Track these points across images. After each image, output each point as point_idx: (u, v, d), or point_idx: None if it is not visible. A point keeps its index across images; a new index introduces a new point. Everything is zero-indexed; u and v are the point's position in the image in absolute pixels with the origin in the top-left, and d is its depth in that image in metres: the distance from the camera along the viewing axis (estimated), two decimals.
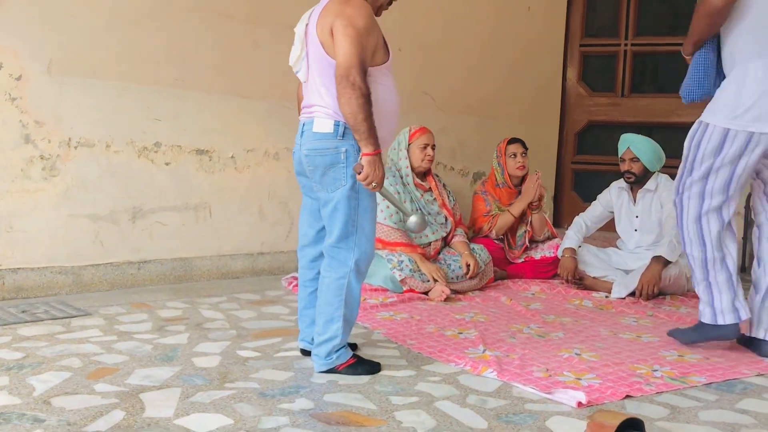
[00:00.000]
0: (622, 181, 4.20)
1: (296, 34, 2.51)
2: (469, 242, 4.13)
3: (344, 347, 2.52)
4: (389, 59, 2.48)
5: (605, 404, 2.28)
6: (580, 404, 2.23)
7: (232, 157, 4.09)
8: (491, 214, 4.36)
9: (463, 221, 4.31)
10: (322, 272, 2.52)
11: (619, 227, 4.25)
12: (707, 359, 2.79)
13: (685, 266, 3.85)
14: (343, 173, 2.41)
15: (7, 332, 2.85)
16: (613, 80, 5.81)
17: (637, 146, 4.02)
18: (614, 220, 4.27)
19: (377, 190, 2.41)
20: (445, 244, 4.11)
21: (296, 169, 2.60)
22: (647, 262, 3.90)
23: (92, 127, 3.59)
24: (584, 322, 3.38)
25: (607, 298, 3.94)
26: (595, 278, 4.14)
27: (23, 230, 3.43)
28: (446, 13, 5.01)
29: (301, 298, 2.71)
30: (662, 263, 3.84)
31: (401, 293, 3.71)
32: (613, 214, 4.28)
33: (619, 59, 5.75)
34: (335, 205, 2.43)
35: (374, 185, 2.38)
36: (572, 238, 4.20)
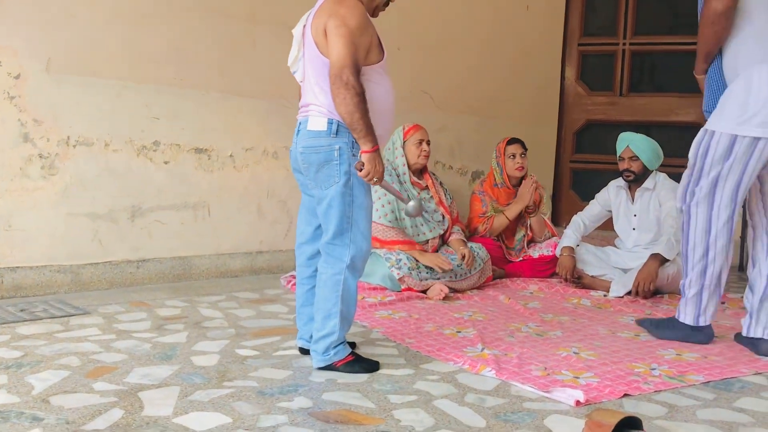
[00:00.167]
0: (620, 179, 4.20)
1: (294, 35, 2.56)
2: (466, 240, 4.14)
3: (342, 344, 2.53)
4: (384, 58, 2.51)
5: (603, 403, 2.28)
6: (578, 403, 2.23)
7: (230, 155, 4.09)
8: (486, 215, 4.36)
9: (460, 219, 4.32)
10: (318, 269, 2.55)
11: (617, 226, 4.25)
12: (705, 358, 2.80)
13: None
14: (336, 170, 2.44)
15: (5, 331, 2.85)
16: (611, 79, 5.81)
17: (636, 145, 4.02)
18: (612, 218, 4.27)
19: (379, 183, 2.46)
20: (442, 242, 4.11)
21: (293, 166, 2.64)
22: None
23: (91, 125, 3.59)
24: (582, 320, 3.38)
25: (605, 296, 3.94)
26: (593, 277, 4.14)
27: (22, 229, 3.43)
28: (445, 12, 5.02)
29: (298, 295, 2.72)
30: (659, 261, 3.85)
31: (400, 292, 3.72)
32: (611, 212, 4.27)
33: (617, 58, 5.76)
34: (329, 202, 2.46)
35: (375, 180, 2.43)
36: (570, 236, 4.20)
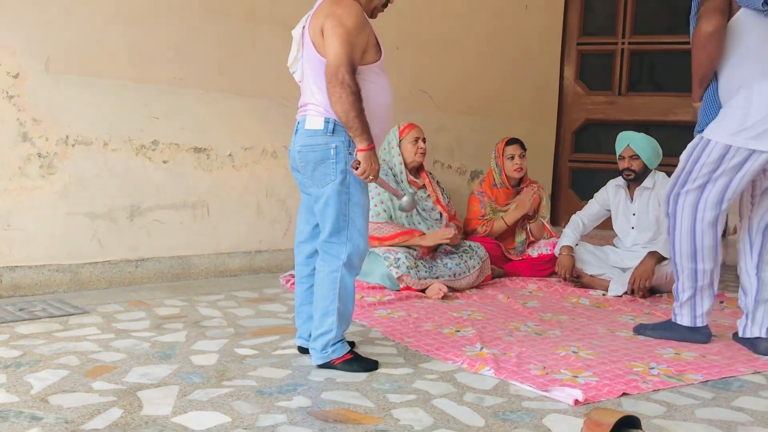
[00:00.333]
0: (619, 178, 4.20)
1: (294, 36, 2.59)
2: (462, 236, 4.14)
3: (341, 342, 2.54)
4: (381, 58, 2.52)
5: (602, 402, 2.29)
6: (576, 402, 2.24)
7: (230, 155, 4.08)
8: (486, 218, 4.36)
9: (457, 218, 4.32)
10: (316, 267, 2.57)
11: (616, 225, 4.25)
12: (703, 357, 2.80)
13: None
14: (332, 169, 2.45)
15: (4, 330, 2.85)
16: (610, 79, 5.81)
17: (636, 143, 4.02)
18: (611, 218, 4.27)
19: (374, 181, 2.49)
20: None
21: (291, 165, 2.66)
22: None
23: (90, 125, 3.59)
24: (581, 320, 3.38)
25: (604, 296, 3.94)
26: (592, 276, 4.14)
27: (21, 228, 3.43)
28: (444, 11, 5.02)
29: (297, 294, 2.73)
30: (656, 259, 3.85)
31: (398, 291, 3.72)
32: (610, 212, 4.27)
33: (616, 58, 5.76)
34: (326, 200, 2.48)
35: (371, 178, 2.46)
36: (569, 236, 4.20)
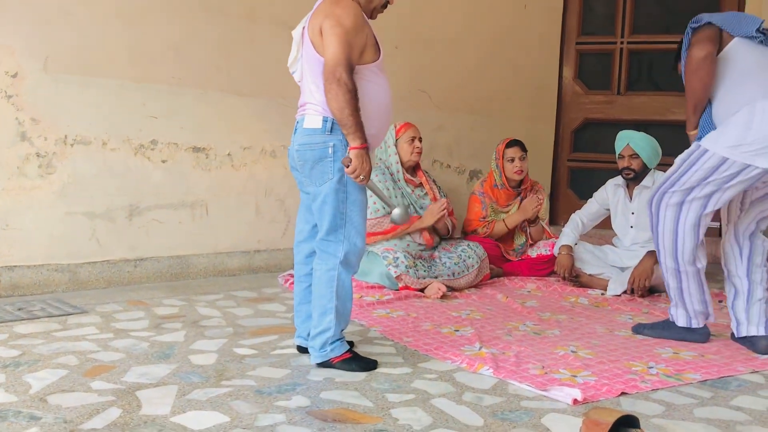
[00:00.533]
0: (618, 178, 4.19)
1: (293, 37, 2.60)
2: (462, 236, 4.14)
3: (339, 340, 2.55)
4: (380, 58, 2.53)
5: (601, 401, 2.29)
6: (575, 401, 2.24)
7: (228, 154, 4.08)
8: (487, 219, 4.36)
9: (455, 216, 4.32)
10: (314, 266, 2.57)
11: (615, 224, 4.25)
12: (702, 356, 2.80)
13: None
14: (330, 167, 2.47)
15: (3, 330, 2.85)
16: (609, 78, 5.80)
17: (636, 142, 4.01)
18: (610, 217, 4.27)
19: (365, 183, 2.48)
20: (440, 239, 4.12)
21: (291, 164, 2.67)
22: None
23: (89, 124, 3.59)
24: (580, 319, 3.38)
25: (603, 295, 3.94)
26: (591, 276, 4.14)
27: (19, 228, 3.43)
28: (443, 11, 5.01)
29: (296, 293, 2.74)
30: (655, 258, 3.84)
31: (397, 290, 3.72)
32: (609, 211, 4.27)
33: (615, 57, 5.76)
34: (324, 198, 2.49)
35: (362, 178, 2.45)
36: (568, 235, 4.20)
